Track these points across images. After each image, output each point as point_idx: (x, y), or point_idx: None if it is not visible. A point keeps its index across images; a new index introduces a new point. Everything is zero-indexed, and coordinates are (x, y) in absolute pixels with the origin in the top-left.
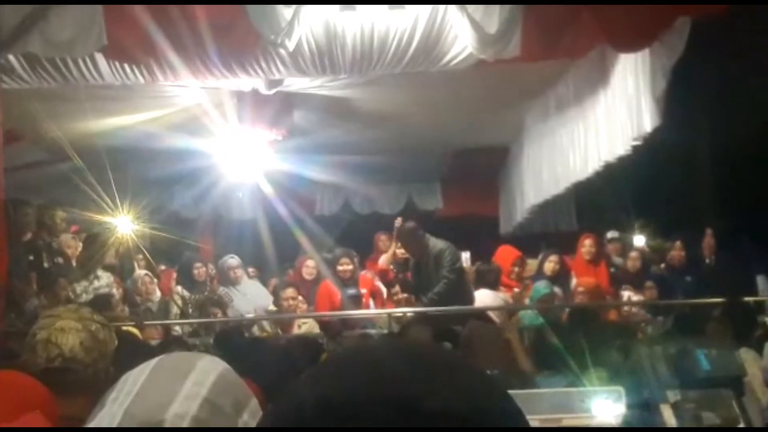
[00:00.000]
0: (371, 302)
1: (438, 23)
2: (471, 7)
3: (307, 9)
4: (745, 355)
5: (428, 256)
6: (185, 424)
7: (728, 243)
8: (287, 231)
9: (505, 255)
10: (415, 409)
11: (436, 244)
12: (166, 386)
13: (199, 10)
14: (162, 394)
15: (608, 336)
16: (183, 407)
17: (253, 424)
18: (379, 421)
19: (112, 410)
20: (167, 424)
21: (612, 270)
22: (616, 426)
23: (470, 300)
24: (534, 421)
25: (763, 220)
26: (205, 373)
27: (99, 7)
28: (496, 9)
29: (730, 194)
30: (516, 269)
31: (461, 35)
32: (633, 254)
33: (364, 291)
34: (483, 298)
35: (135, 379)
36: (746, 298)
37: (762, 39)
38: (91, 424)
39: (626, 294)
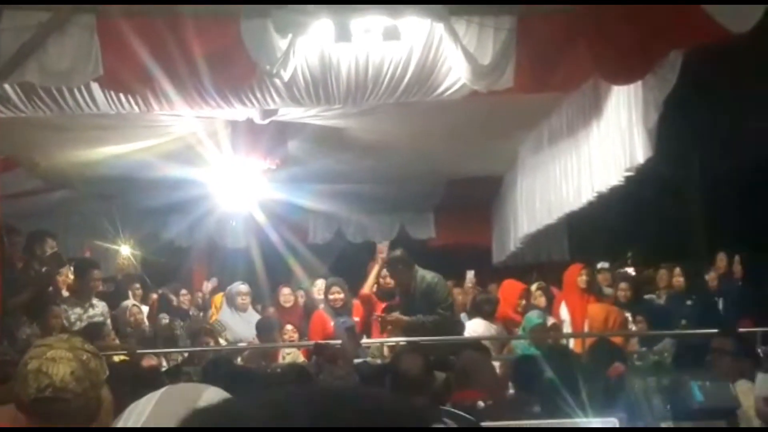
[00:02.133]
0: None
1: (432, 54)
2: (465, 39)
3: (302, 39)
4: (741, 386)
5: (416, 287)
6: None
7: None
8: (280, 259)
9: (510, 289)
10: None
11: (425, 276)
12: (174, 416)
13: (195, 40)
14: (170, 423)
15: (604, 366)
16: None
17: None
18: None
19: None
20: None
21: (601, 299)
22: None
23: (460, 331)
24: None
25: (756, 250)
26: (214, 399)
27: (95, 38)
28: (489, 41)
29: (724, 224)
30: (523, 302)
31: (455, 66)
32: (623, 285)
33: (357, 319)
34: (476, 327)
35: (142, 409)
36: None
37: (754, 72)
38: None
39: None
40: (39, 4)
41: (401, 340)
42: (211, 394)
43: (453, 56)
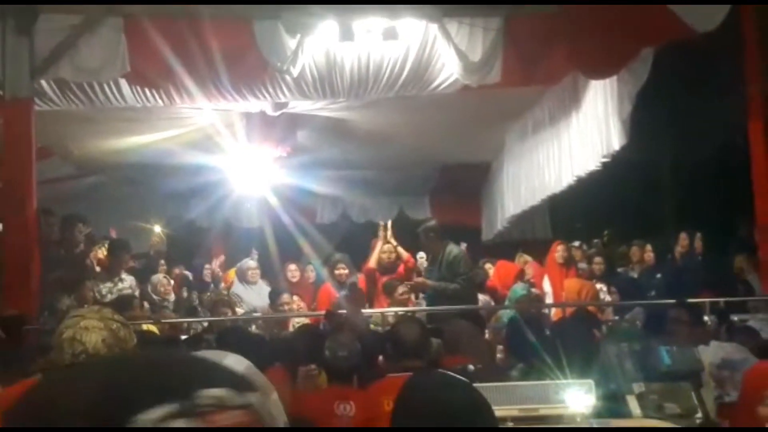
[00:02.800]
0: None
1: (427, 52)
2: (457, 38)
3: (310, 39)
4: (705, 351)
5: (443, 257)
6: None
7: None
8: (291, 238)
9: (506, 270)
10: None
11: (452, 249)
12: None
13: (213, 39)
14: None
15: (582, 333)
16: None
17: (278, 416)
18: None
19: None
20: None
21: (579, 273)
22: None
23: (474, 300)
24: (512, 410)
25: (719, 229)
26: (235, 365)
27: (123, 37)
28: (479, 39)
29: (688, 205)
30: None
31: (448, 63)
32: (597, 259)
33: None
34: None
35: None
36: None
37: (719, 66)
38: None
39: (600, 289)
40: (72, 4)
41: (400, 310)
42: (232, 360)
43: (446, 54)
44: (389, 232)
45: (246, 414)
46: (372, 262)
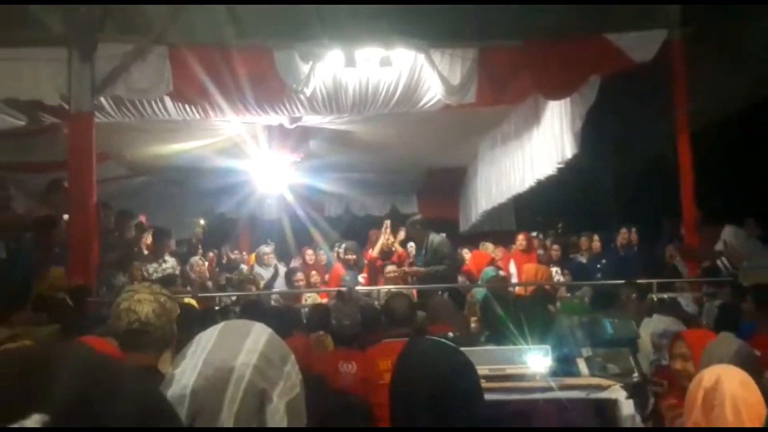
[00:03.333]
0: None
1: (416, 77)
2: (440, 65)
3: (320, 65)
4: (648, 323)
5: (428, 245)
6: (248, 372)
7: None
8: (304, 228)
9: (480, 258)
10: None
11: (434, 237)
12: (233, 343)
13: (241, 65)
14: (230, 349)
15: (540, 307)
16: (246, 358)
17: (294, 374)
18: None
19: (192, 361)
20: (236, 371)
21: (539, 258)
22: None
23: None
24: (484, 370)
25: (652, 224)
26: (259, 334)
27: (167, 63)
28: (458, 67)
29: (628, 203)
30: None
31: (432, 86)
32: (554, 247)
33: (365, 275)
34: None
35: (207, 338)
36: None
37: (654, 90)
38: (177, 371)
39: (554, 269)
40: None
41: (392, 287)
42: (259, 328)
43: (431, 79)
44: (389, 230)
45: None
46: (375, 252)
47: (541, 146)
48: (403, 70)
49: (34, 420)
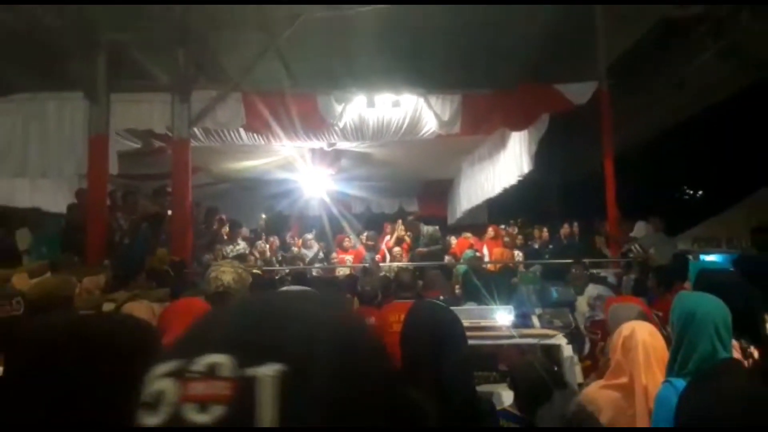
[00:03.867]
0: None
1: (417, 114)
2: (435, 106)
3: (350, 106)
4: (588, 290)
5: (423, 234)
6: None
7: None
8: (337, 221)
9: (462, 244)
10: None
11: (428, 228)
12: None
13: (293, 106)
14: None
15: (505, 279)
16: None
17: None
18: None
19: None
20: None
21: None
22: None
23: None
24: (465, 323)
25: (587, 221)
26: (303, 291)
27: (241, 104)
28: (447, 107)
29: (569, 205)
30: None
31: (429, 121)
32: (516, 236)
33: (379, 257)
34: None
35: None
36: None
37: (588, 124)
38: None
39: (517, 253)
40: (212, 84)
41: (400, 264)
42: (309, 292)
43: (428, 115)
44: (400, 226)
45: (228, 387)
46: (390, 242)
47: (507, 164)
48: (409, 110)
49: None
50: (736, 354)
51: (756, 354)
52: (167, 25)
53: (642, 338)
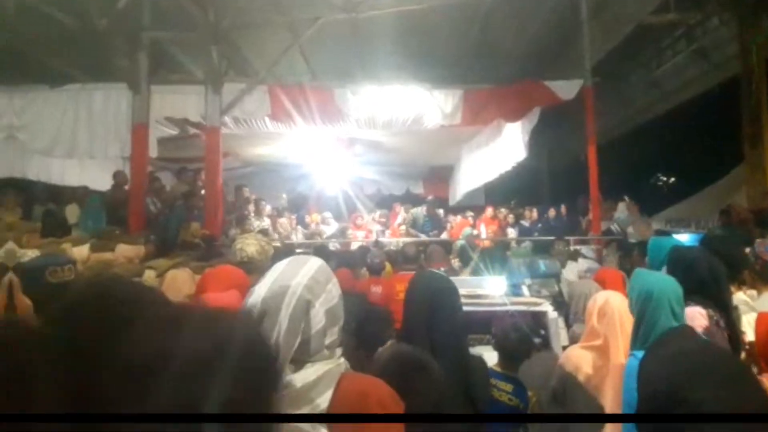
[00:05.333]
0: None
1: (423, 106)
2: (439, 99)
3: (363, 98)
4: (578, 264)
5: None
6: (300, 288)
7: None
8: (351, 200)
9: (461, 224)
10: None
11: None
12: (293, 269)
13: (312, 97)
14: (290, 272)
15: (498, 253)
16: (300, 279)
17: (334, 290)
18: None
19: (267, 280)
20: (291, 287)
21: (500, 223)
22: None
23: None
24: (462, 292)
25: (573, 203)
26: (312, 264)
27: (267, 95)
28: (450, 100)
29: (558, 188)
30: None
31: (433, 112)
32: (509, 216)
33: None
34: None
35: (278, 266)
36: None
37: (575, 116)
38: (256, 287)
39: (510, 231)
40: (241, 77)
41: (405, 240)
42: (314, 259)
43: (433, 107)
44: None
45: None
46: (397, 223)
47: (502, 151)
48: (415, 102)
49: None
50: (705, 321)
51: (722, 321)
52: (202, 26)
53: (616, 305)
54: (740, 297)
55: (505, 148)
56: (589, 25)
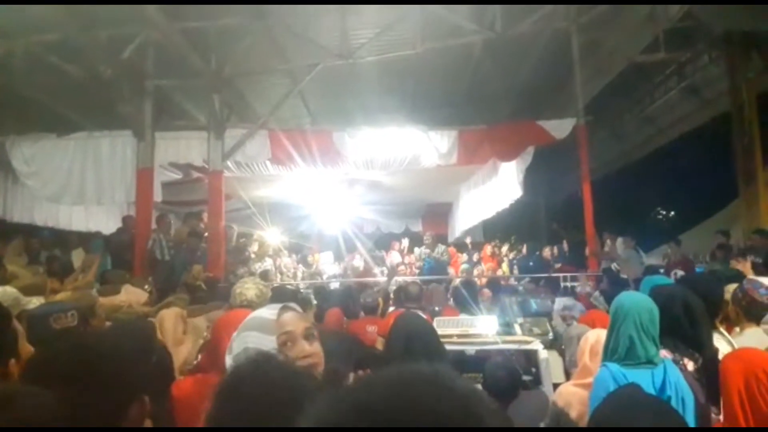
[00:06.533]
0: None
1: (420, 147)
2: (435, 140)
3: (361, 141)
4: (557, 302)
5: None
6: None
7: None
8: (350, 239)
9: (457, 259)
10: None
11: (439, 245)
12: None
13: (312, 141)
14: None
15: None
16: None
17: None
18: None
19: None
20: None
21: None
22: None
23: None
24: (456, 330)
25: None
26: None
27: (268, 140)
28: (446, 141)
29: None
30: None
31: (430, 153)
32: (510, 253)
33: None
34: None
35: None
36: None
37: (569, 154)
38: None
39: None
40: (242, 123)
41: (408, 278)
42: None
43: (429, 148)
44: (405, 245)
45: None
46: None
47: (499, 190)
48: (412, 143)
49: None
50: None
51: (690, 366)
52: (204, 74)
53: None
54: (721, 335)
55: (501, 186)
56: (581, 65)
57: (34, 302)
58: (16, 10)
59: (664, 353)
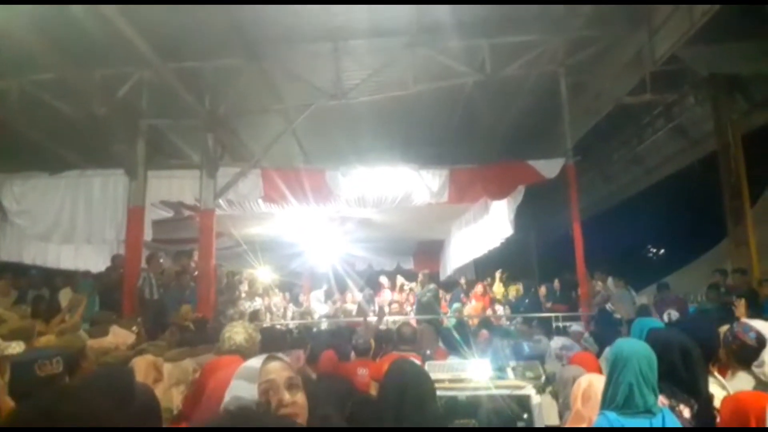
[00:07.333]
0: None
1: (411, 185)
2: (426, 178)
3: (353, 179)
4: (553, 341)
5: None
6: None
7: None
8: (342, 278)
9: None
10: None
11: (430, 285)
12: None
13: (305, 180)
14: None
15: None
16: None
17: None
18: None
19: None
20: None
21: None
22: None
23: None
24: (447, 375)
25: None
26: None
27: (260, 178)
28: (437, 179)
29: (545, 264)
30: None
31: (421, 191)
32: (500, 291)
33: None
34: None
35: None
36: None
37: (559, 193)
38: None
39: (498, 308)
40: (235, 162)
41: (398, 318)
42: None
43: (420, 187)
44: (399, 283)
45: None
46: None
47: (490, 228)
48: (404, 182)
49: None
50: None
51: (686, 413)
52: (198, 113)
53: (600, 388)
54: (715, 379)
55: (492, 225)
56: (569, 106)
57: (14, 346)
58: (11, 48)
59: (662, 399)
